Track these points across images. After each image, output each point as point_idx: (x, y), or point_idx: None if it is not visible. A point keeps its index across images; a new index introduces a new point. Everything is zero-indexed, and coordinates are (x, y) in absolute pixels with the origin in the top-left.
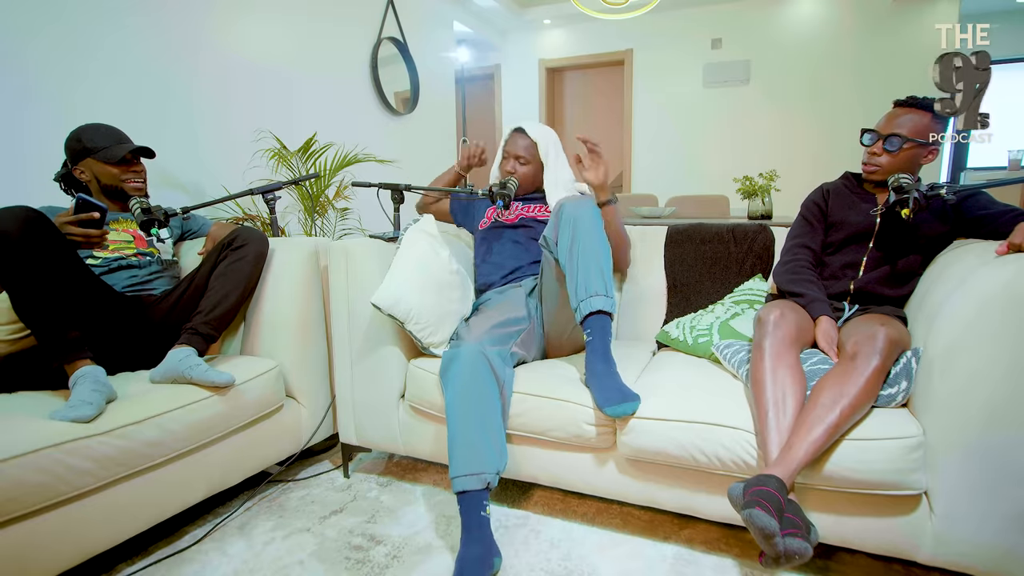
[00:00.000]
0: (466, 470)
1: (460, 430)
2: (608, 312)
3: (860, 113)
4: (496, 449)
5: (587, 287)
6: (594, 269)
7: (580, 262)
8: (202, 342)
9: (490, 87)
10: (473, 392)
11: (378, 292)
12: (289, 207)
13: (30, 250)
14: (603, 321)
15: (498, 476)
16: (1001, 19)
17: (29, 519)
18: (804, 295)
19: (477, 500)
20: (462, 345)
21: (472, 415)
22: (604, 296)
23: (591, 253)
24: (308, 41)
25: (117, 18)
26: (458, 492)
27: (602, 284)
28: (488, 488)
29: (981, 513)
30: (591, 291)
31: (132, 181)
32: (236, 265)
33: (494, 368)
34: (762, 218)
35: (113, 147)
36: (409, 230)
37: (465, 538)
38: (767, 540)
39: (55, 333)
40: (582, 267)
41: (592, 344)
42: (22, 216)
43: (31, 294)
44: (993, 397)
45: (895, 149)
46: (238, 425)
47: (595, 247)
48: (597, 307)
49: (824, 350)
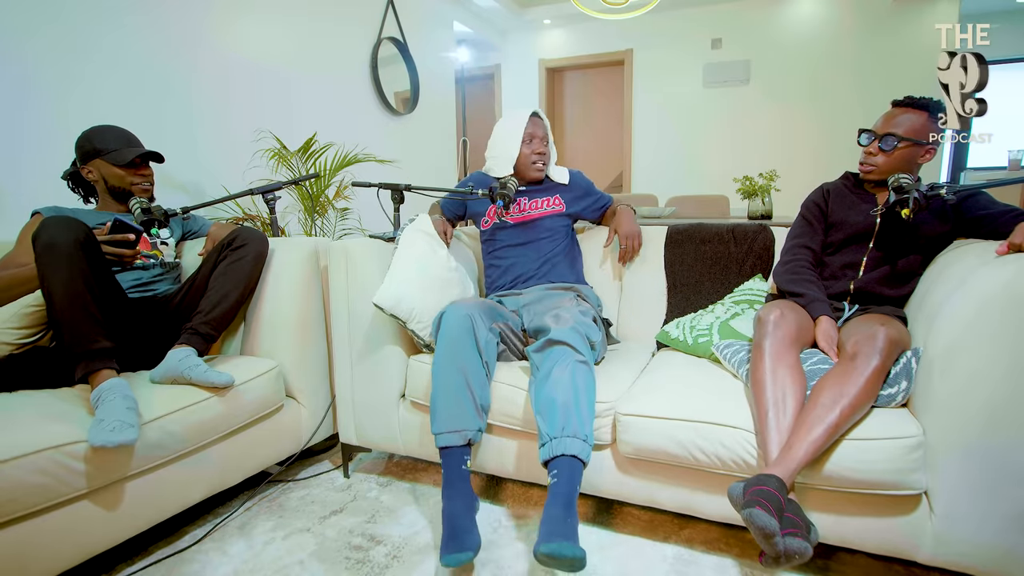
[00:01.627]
0: (448, 427)
1: (443, 389)
2: (584, 461)
3: (860, 113)
4: (476, 409)
5: (567, 422)
6: (584, 402)
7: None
8: (202, 342)
9: (490, 87)
10: (458, 350)
11: (379, 292)
12: (289, 207)
13: (77, 260)
14: (575, 468)
15: (480, 433)
16: (1001, 19)
17: (29, 519)
18: (804, 295)
19: (458, 455)
20: (449, 307)
21: (455, 373)
22: (584, 441)
23: (582, 387)
24: (308, 41)
25: (116, 17)
26: (441, 447)
27: (586, 424)
28: (469, 444)
29: (981, 513)
30: (570, 431)
31: (139, 185)
32: (236, 265)
33: (477, 331)
34: (762, 218)
35: (123, 150)
36: (406, 230)
37: (448, 492)
38: (767, 540)
39: (88, 340)
40: (561, 392)
41: (557, 488)
42: (73, 236)
43: (72, 300)
44: (993, 397)
45: (890, 148)
46: (238, 425)
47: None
48: (573, 451)
49: (824, 350)
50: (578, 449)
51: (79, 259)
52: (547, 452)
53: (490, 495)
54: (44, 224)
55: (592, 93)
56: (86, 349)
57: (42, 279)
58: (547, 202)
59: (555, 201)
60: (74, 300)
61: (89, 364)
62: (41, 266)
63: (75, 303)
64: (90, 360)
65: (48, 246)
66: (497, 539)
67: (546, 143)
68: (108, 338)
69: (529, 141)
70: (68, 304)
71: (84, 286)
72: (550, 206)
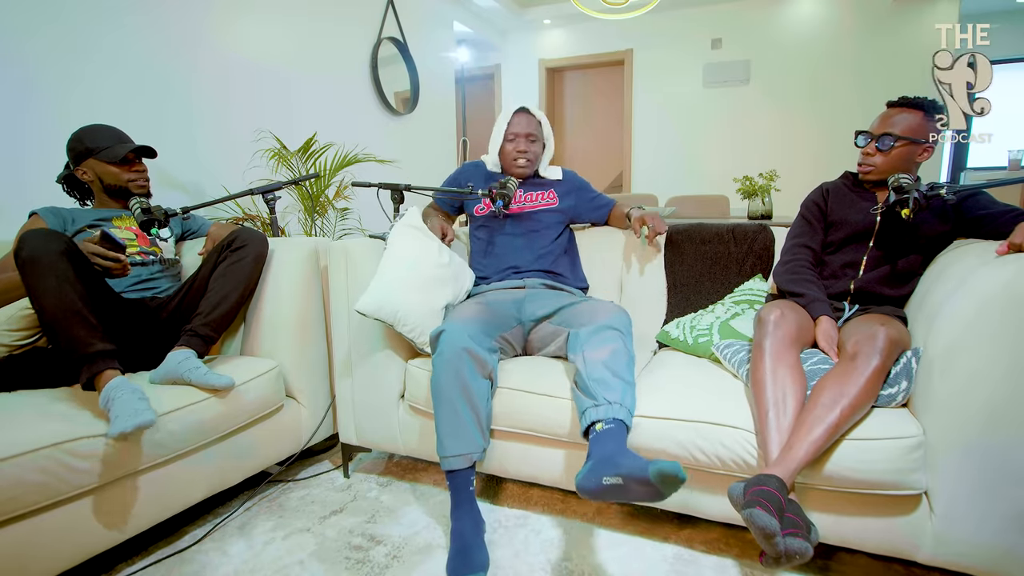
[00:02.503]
0: (453, 451)
1: (445, 411)
2: (628, 426)
3: (860, 113)
4: (480, 429)
5: (609, 389)
6: (624, 374)
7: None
8: (201, 344)
9: (490, 87)
10: (458, 373)
11: (362, 299)
12: (289, 207)
13: (63, 269)
14: (623, 430)
15: (484, 452)
16: (1001, 19)
17: (29, 519)
18: (804, 295)
19: (465, 477)
20: (447, 325)
21: (457, 397)
22: (629, 412)
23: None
24: (308, 41)
25: (116, 17)
26: (447, 471)
27: (631, 399)
28: (474, 466)
29: (981, 513)
30: (616, 398)
31: (136, 181)
32: (235, 266)
33: (476, 350)
34: (762, 218)
35: (115, 146)
36: (395, 228)
37: (456, 513)
38: (768, 540)
39: (86, 343)
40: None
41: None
42: (55, 247)
43: (64, 307)
44: (993, 397)
45: (887, 148)
46: (238, 425)
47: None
48: (621, 416)
49: (824, 350)
50: (625, 415)
51: (64, 267)
52: (591, 414)
53: (490, 495)
54: (23, 239)
55: (592, 93)
56: (85, 353)
57: (30, 292)
58: (541, 196)
59: (549, 195)
60: (66, 307)
61: (91, 367)
62: (27, 279)
63: (67, 310)
64: (91, 363)
65: (31, 260)
66: (497, 539)
67: (532, 141)
68: (106, 339)
69: (512, 139)
70: (60, 312)
71: (73, 292)
72: (544, 199)
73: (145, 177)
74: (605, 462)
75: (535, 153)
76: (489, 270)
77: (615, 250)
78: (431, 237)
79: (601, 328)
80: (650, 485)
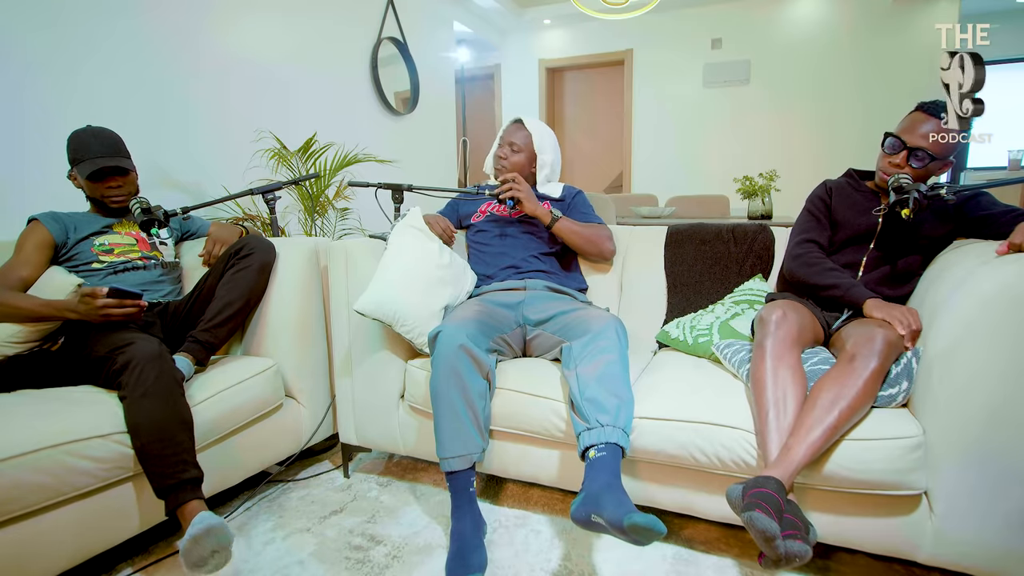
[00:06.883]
0: (452, 452)
1: (444, 413)
2: (623, 448)
3: (860, 113)
4: (479, 430)
5: (601, 410)
6: (621, 389)
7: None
8: (201, 350)
9: (490, 87)
10: (457, 374)
11: (361, 299)
12: (289, 207)
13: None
14: (617, 454)
15: (483, 453)
16: (1001, 19)
17: (29, 519)
18: (838, 285)
19: (465, 478)
20: (444, 326)
21: (456, 398)
22: (623, 431)
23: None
24: (308, 41)
25: (116, 17)
26: (447, 472)
27: (626, 416)
28: (473, 466)
29: (981, 513)
30: (608, 420)
31: (111, 197)
32: (240, 274)
33: (473, 350)
34: (762, 218)
35: (85, 163)
36: (396, 228)
37: (457, 514)
38: (768, 543)
39: (175, 470)
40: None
41: (603, 460)
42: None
43: (161, 435)
44: (993, 397)
45: (921, 166)
46: (237, 425)
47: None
48: (614, 439)
49: (895, 326)
50: (619, 437)
51: (178, 392)
52: (587, 437)
53: (490, 495)
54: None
55: (592, 93)
56: (177, 480)
57: (129, 414)
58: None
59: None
60: (163, 434)
61: (179, 496)
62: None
63: (164, 437)
64: (179, 491)
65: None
66: (497, 539)
67: (515, 151)
68: (196, 464)
69: (500, 146)
70: (157, 440)
71: (175, 416)
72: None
73: (122, 193)
74: (593, 500)
75: (515, 163)
76: (490, 269)
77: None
78: (432, 238)
79: (594, 338)
80: (627, 534)
